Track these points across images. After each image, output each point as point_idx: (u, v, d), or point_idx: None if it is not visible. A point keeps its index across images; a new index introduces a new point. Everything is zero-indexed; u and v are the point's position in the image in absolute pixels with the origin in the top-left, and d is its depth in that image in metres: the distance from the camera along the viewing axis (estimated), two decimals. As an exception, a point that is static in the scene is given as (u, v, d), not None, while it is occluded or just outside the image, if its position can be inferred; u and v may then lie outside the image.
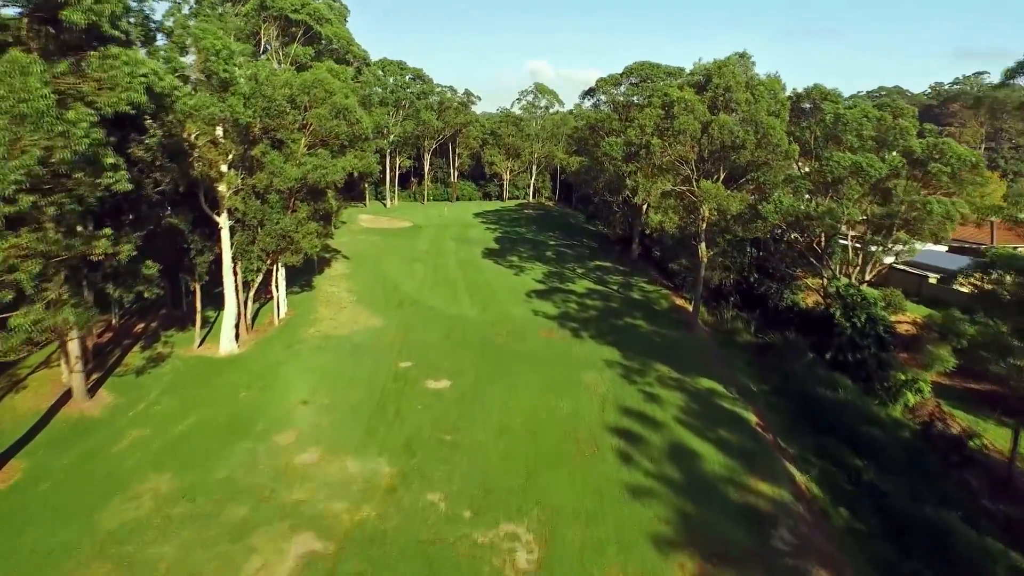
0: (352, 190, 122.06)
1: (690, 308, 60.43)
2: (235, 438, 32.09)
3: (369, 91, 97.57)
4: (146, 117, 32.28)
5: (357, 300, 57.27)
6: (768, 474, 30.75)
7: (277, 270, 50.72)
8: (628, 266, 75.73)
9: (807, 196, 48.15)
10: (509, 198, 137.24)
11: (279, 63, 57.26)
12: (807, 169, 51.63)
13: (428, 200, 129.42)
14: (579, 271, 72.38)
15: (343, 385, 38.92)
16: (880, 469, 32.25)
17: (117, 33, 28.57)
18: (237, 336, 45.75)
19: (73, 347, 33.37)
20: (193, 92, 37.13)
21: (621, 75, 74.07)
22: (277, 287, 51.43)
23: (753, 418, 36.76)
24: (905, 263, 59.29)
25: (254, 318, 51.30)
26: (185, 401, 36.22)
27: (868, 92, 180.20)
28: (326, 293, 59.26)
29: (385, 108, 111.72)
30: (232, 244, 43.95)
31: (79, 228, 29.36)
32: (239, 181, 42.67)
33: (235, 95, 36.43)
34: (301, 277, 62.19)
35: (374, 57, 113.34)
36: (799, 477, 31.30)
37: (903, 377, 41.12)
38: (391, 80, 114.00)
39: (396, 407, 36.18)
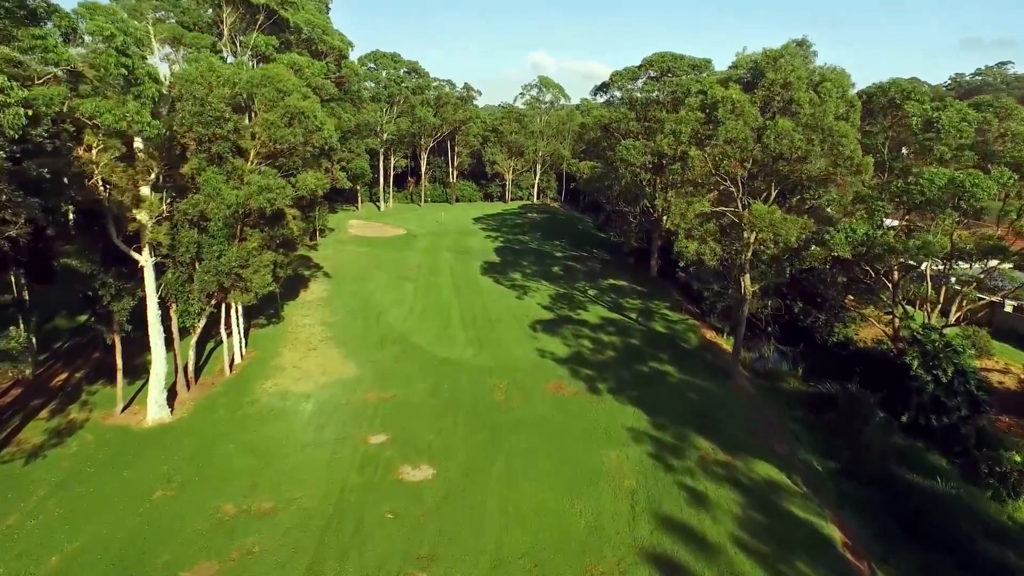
0: (344, 192, 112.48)
1: (723, 342, 50.66)
2: (123, 584, 22.63)
3: (357, 86, 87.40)
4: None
5: (331, 337, 47.59)
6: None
7: (233, 306, 41.17)
8: (646, 285, 65.79)
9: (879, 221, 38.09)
10: (512, 199, 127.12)
11: (234, 55, 47.24)
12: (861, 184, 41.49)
13: (426, 202, 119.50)
14: (591, 292, 62.51)
15: (291, 478, 29.35)
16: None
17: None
18: (172, 398, 36.27)
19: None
20: (92, 94, 27.38)
21: (639, 68, 63.81)
22: (232, 326, 41.86)
23: (836, 533, 27.02)
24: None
25: (201, 367, 41.76)
26: (77, 508, 26.75)
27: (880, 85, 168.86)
28: (296, 327, 49.61)
29: (377, 104, 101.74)
30: (161, 285, 34.31)
31: None
32: (164, 207, 32.91)
33: (139, 98, 26.54)
34: (270, 304, 52.56)
35: (365, 50, 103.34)
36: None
37: (1020, 460, 31.30)
38: (384, 74, 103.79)
39: (358, 518, 26.59)
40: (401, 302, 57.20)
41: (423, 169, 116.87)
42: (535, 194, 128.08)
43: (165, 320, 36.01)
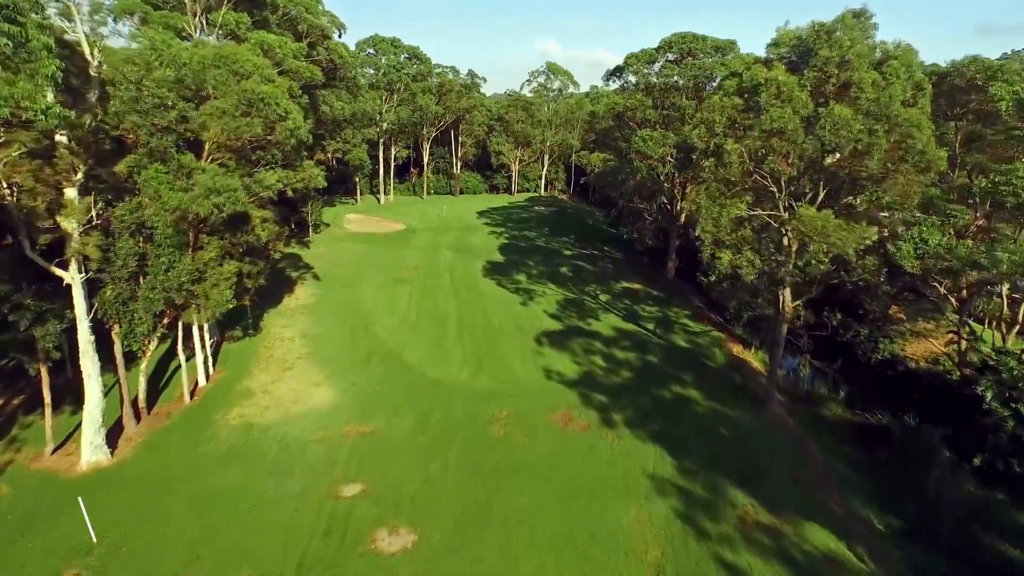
0: (345, 183, 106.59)
1: (752, 359, 44.56)
2: None
3: (353, 72, 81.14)
4: None
5: (311, 354, 41.87)
6: None
7: (195, 322, 35.50)
8: (663, 289, 59.56)
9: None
10: (518, 191, 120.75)
11: (200, 32, 41.13)
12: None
13: (428, 194, 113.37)
14: (603, 298, 56.38)
15: (240, 549, 23.69)
16: None
17: None
18: (118, 433, 30.77)
19: None
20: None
21: (656, 50, 57.13)
22: (197, 344, 36.24)
23: (921, 635, 21.07)
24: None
25: (161, 389, 36.25)
26: (-34, 595, 21.26)
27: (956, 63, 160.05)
28: (274, 340, 43.93)
29: (376, 92, 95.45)
30: (96, 304, 28.60)
31: None
32: (94, 213, 27.09)
33: (33, 77, 20.61)
34: (253, 308, 46.96)
35: (365, 35, 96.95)
36: None
37: None
38: (383, 60, 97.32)
39: (314, 610, 20.93)
40: (394, 309, 51.33)
41: (425, 160, 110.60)
42: (542, 186, 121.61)
43: (107, 345, 30.43)
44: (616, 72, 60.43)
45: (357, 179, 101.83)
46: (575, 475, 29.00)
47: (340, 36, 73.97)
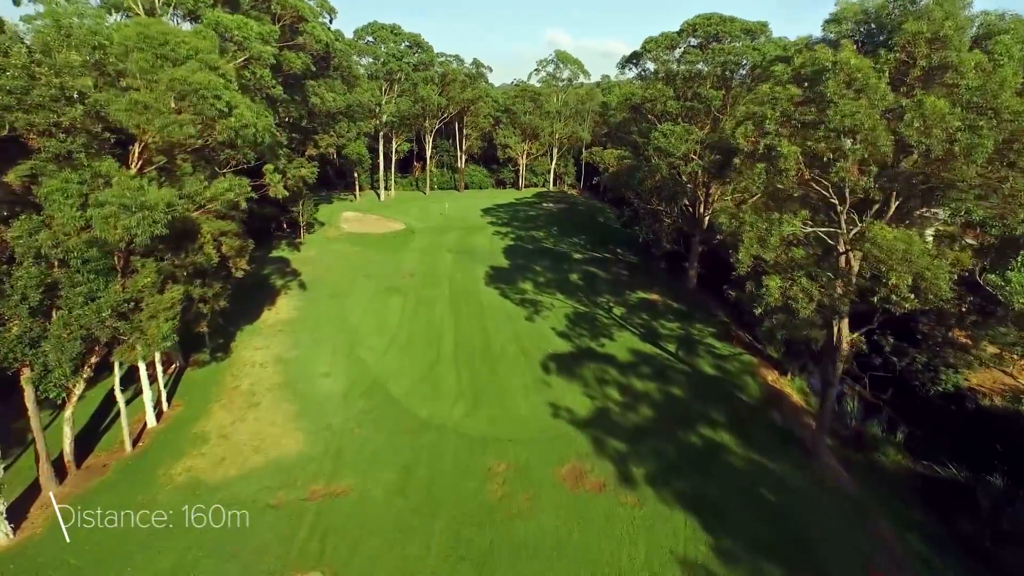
0: (344, 178, 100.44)
1: (789, 388, 38.19)
2: None
3: (347, 61, 74.78)
4: None
5: (283, 384, 35.99)
6: None
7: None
8: (683, 300, 53.06)
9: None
10: (526, 186, 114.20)
11: (159, 14, 34.85)
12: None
13: (431, 189, 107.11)
14: (617, 311, 50.04)
15: None
16: None
17: None
18: (33, 497, 25.07)
19: None
20: None
21: (678, 34, 50.25)
22: (152, 375, 30.44)
23: None
24: None
25: (98, 437, 30.52)
26: None
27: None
28: (243, 366, 38.12)
29: (376, 83, 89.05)
30: (-7, 346, 22.74)
31: None
32: (-21, 235, 21.12)
33: None
34: (225, 327, 41.22)
35: (364, 22, 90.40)
36: None
37: None
38: (382, 49, 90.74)
39: None
40: (383, 327, 45.29)
41: (428, 154, 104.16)
42: (551, 180, 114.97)
43: (14, 392, 24.65)
44: (632, 59, 53.56)
45: (357, 174, 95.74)
46: (589, 558, 22.94)
47: (331, 21, 67.76)
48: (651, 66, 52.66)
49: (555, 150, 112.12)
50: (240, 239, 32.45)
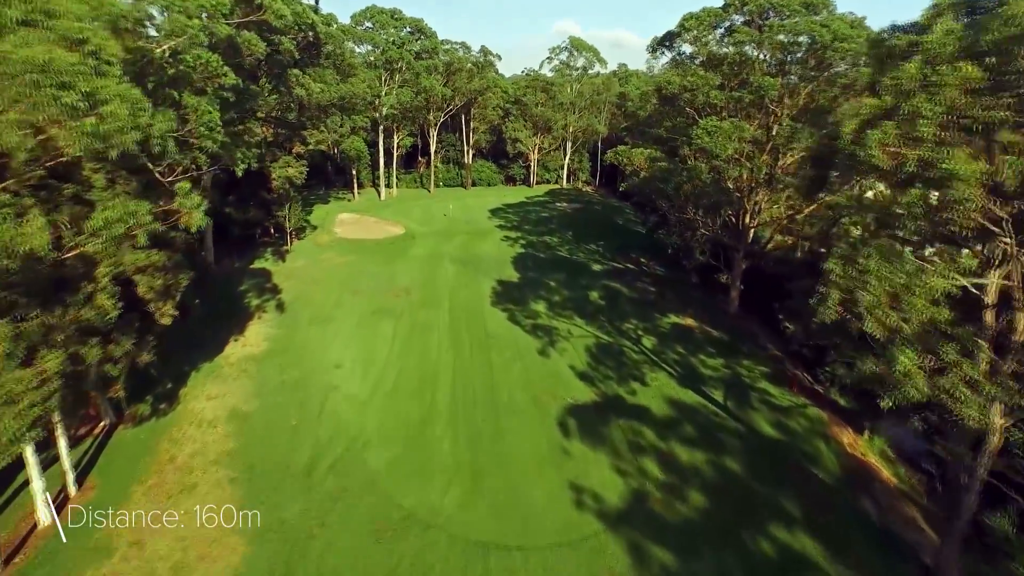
0: (344, 174, 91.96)
1: (872, 457, 29.56)
2: None
3: (339, 48, 66.15)
4: None
5: (232, 453, 27.92)
6: None
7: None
8: (723, 326, 44.32)
9: None
10: (538, 183, 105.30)
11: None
12: None
13: (437, 186, 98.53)
14: (647, 342, 41.49)
15: None
16: None
17: None
18: None
19: None
20: None
21: (723, 9, 41.12)
22: (60, 454, 22.42)
23: None
24: None
25: (-32, 543, 22.53)
26: None
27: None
28: (189, 423, 30.11)
29: (375, 72, 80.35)
30: None
31: None
32: None
33: None
34: (178, 364, 33.33)
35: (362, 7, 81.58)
36: None
37: None
38: (382, 35, 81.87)
39: None
40: (368, 364, 37.09)
41: (432, 149, 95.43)
42: (564, 176, 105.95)
43: None
44: (665, 41, 44.42)
45: (355, 171, 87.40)
46: None
47: (317, 1, 59.06)
48: (688, 49, 43.63)
49: (569, 144, 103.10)
50: (167, 275, 24.15)
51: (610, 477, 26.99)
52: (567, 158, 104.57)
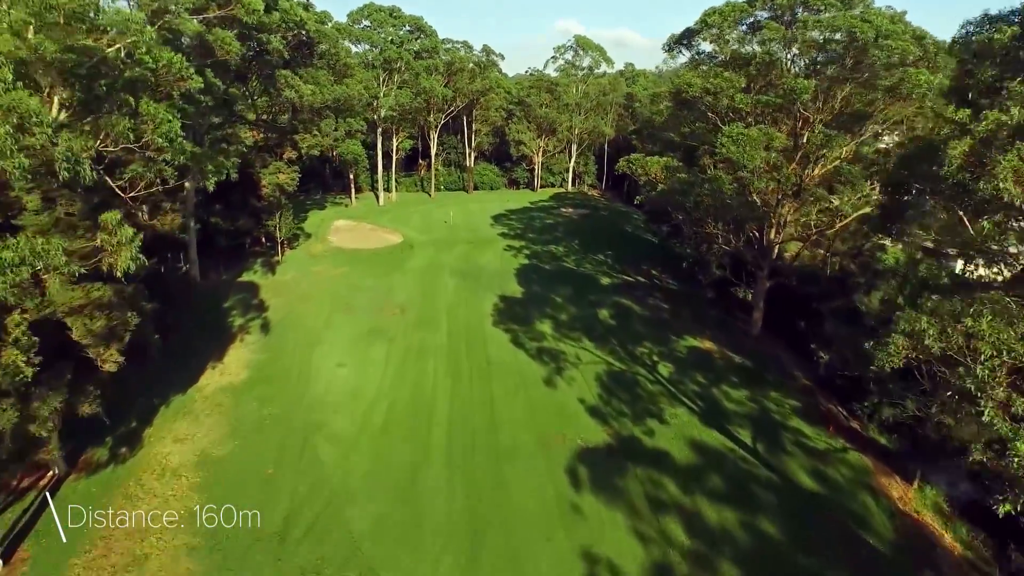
0: (342, 179, 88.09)
1: (927, 514, 25.68)
2: None
3: (334, 48, 62.44)
4: None
5: (195, 514, 24.15)
6: None
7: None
8: (745, 350, 40.42)
9: None
10: (542, 186, 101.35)
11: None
12: None
13: (438, 190, 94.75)
14: (663, 369, 37.64)
15: None
16: None
17: None
18: None
19: None
20: None
21: (747, 3, 37.12)
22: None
23: None
24: None
25: None
26: None
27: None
28: (150, 473, 26.45)
29: (373, 72, 76.61)
30: None
31: None
32: None
33: None
34: (148, 398, 29.73)
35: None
36: None
37: None
38: (380, 34, 78.06)
39: None
40: (357, 397, 33.38)
41: (433, 151, 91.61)
42: (569, 180, 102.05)
43: None
44: (683, 39, 40.40)
45: (352, 175, 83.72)
46: None
47: (308, -3, 55.37)
48: (707, 47, 39.66)
49: (574, 146, 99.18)
50: (112, 314, 20.39)
51: (628, 543, 23.18)
52: (572, 161, 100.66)
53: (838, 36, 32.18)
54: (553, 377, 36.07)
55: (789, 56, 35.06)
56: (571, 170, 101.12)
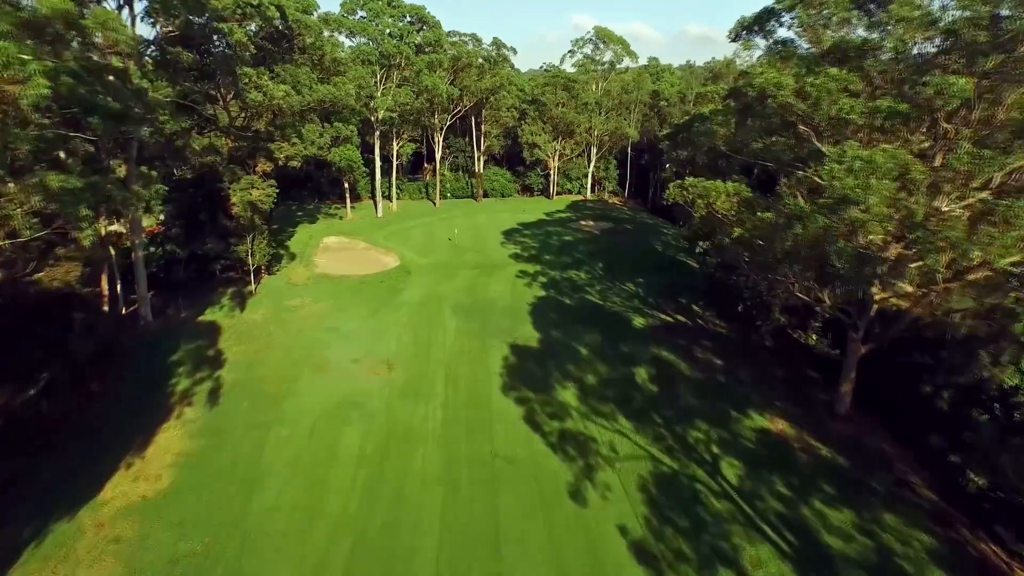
0: (339, 185, 78.23)
1: None
2: None
3: (319, 41, 52.59)
4: None
5: None
6: None
7: None
8: (832, 436, 30.09)
9: None
10: (558, 193, 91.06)
11: None
12: None
13: (443, 198, 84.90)
14: (729, 473, 27.47)
15: None
16: None
17: None
18: None
19: None
20: None
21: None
22: None
23: None
24: None
25: None
26: None
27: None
28: None
29: (368, 69, 66.67)
30: None
31: None
32: None
33: None
34: (21, 521, 20.57)
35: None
36: None
37: None
38: (377, 26, 67.89)
39: None
40: (311, 522, 23.67)
41: (438, 156, 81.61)
42: (588, 186, 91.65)
43: None
44: (757, 24, 29.72)
45: (349, 183, 74.01)
46: None
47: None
48: (794, 35, 28.98)
49: (594, 150, 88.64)
50: None
51: None
52: (591, 165, 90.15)
53: (1005, 12, 21.61)
54: (582, 484, 26.11)
55: (917, 43, 24.48)
56: (590, 176, 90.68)
